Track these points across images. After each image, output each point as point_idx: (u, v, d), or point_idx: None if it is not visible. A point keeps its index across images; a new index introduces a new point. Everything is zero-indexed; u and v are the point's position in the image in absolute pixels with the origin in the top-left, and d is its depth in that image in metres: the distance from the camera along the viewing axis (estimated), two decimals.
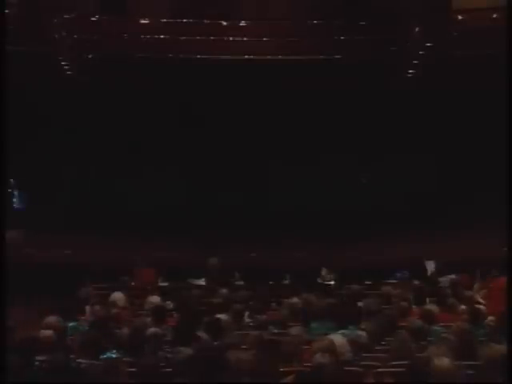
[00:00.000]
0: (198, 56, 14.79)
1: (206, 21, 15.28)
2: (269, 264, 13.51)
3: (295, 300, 9.06)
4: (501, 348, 5.79)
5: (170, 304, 9.64)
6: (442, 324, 7.95)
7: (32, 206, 16.30)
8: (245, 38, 15.11)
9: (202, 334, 7.48)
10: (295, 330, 7.51)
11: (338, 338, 6.68)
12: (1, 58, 10.18)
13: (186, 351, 6.55)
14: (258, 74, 14.46)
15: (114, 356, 6.74)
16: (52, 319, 7.47)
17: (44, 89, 14.78)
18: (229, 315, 8.31)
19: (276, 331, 8.04)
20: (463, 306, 8.86)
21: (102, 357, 6.69)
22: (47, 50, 14.16)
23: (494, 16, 14.23)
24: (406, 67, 14.65)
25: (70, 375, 6.03)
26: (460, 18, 14.73)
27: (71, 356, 6.60)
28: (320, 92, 14.99)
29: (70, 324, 8.37)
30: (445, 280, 11.19)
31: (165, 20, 15.56)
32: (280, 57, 14.87)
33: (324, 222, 15.20)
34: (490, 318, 8.07)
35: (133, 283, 11.91)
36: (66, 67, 14.62)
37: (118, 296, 9.47)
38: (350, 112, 15.63)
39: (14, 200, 16.47)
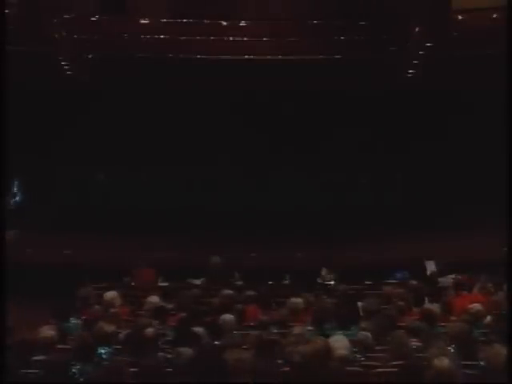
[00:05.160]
0: (198, 56, 14.77)
1: (205, 21, 15.26)
2: (269, 264, 13.49)
3: (296, 300, 9.06)
4: (500, 348, 5.79)
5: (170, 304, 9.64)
6: (441, 324, 7.95)
7: (31, 206, 16.28)
8: (245, 38, 15.09)
9: (201, 333, 7.49)
10: (296, 329, 7.51)
11: (339, 339, 6.68)
12: (1, 58, 10.17)
13: (186, 352, 6.55)
14: (258, 74, 14.45)
15: (103, 352, 6.74)
16: (51, 320, 7.48)
17: (44, 89, 14.78)
18: (229, 315, 8.31)
19: (276, 331, 8.04)
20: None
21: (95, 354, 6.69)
22: (47, 50, 14.13)
23: (494, 16, 14.20)
24: (406, 67, 14.62)
25: (69, 375, 6.03)
26: (460, 17, 14.70)
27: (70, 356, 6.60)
28: (320, 92, 14.99)
29: (70, 324, 8.39)
30: (445, 280, 11.19)
31: (165, 20, 15.54)
32: (280, 57, 14.85)
33: (324, 222, 15.20)
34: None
35: (133, 283, 11.92)
36: (66, 67, 14.59)
37: (111, 295, 9.44)
38: (349, 112, 15.63)
39: (14, 200, 16.47)
